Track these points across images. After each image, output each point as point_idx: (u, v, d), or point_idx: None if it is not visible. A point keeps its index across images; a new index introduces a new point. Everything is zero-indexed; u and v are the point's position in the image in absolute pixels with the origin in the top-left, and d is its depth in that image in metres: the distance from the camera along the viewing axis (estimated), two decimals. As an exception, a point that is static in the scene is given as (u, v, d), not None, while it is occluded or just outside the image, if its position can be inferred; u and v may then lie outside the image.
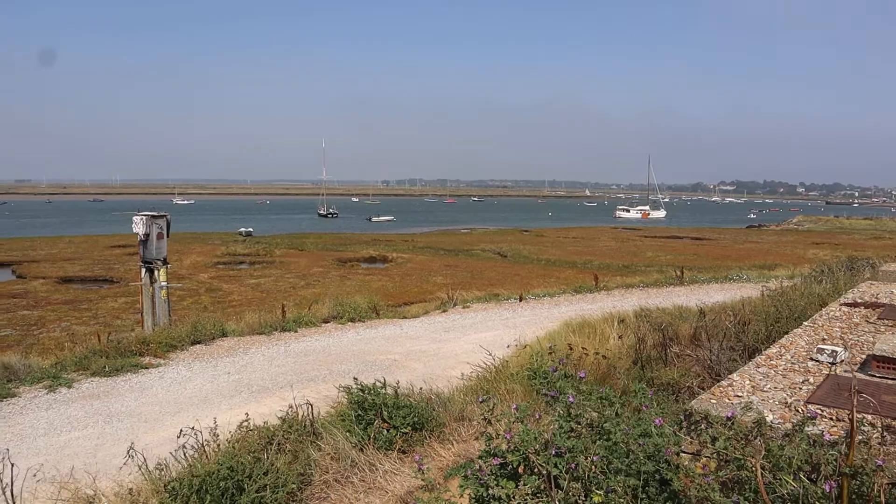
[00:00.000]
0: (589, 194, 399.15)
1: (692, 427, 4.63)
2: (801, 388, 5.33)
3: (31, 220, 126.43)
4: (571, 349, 10.11)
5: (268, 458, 5.97)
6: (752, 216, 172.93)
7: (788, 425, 4.24)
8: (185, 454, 6.52)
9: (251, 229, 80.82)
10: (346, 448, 6.37)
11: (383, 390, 7.02)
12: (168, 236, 17.33)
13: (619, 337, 10.07)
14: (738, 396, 5.13)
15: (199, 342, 16.49)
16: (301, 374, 14.42)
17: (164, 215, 17.17)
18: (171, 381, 13.57)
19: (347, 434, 6.75)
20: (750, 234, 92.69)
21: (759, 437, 3.55)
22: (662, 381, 8.97)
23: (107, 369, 13.86)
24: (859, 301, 9.28)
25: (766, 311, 9.75)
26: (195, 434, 6.64)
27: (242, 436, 6.74)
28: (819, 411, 4.70)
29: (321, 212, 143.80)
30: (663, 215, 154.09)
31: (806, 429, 3.58)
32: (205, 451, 6.34)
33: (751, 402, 4.79)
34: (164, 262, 17.07)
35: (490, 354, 10.55)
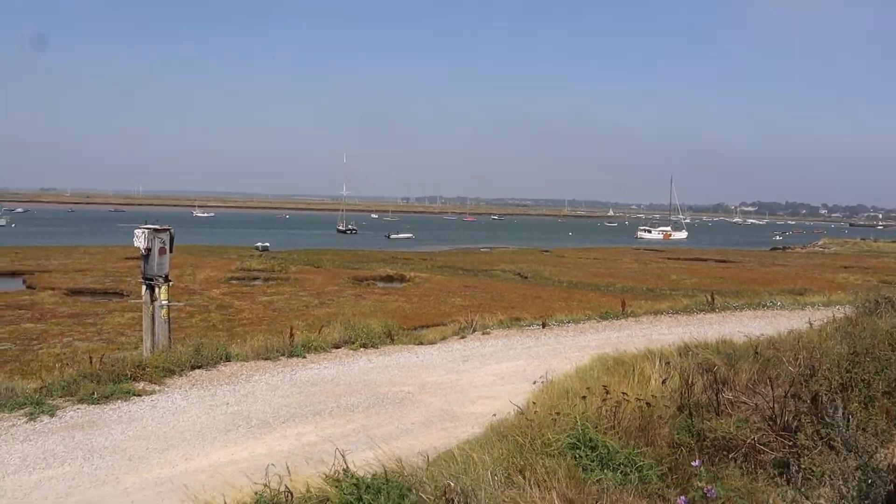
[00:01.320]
0: (611, 214, 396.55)
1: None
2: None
3: (51, 228, 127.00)
4: (608, 393, 8.88)
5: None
6: (777, 238, 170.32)
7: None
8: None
9: (268, 244, 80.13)
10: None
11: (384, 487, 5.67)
12: (171, 251, 16.26)
13: (664, 381, 8.81)
14: None
15: (199, 367, 15.37)
16: (306, 407, 13.25)
17: (168, 229, 16.12)
18: (163, 412, 12.45)
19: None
20: (775, 256, 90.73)
21: None
22: (717, 435, 7.70)
23: (95, 396, 12.77)
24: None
25: (837, 353, 8.45)
26: None
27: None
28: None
29: (340, 228, 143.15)
30: (685, 236, 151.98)
31: None
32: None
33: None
34: (166, 278, 16.00)
35: (516, 406, 9.26)
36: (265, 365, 16.29)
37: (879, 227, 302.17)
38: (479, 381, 15.61)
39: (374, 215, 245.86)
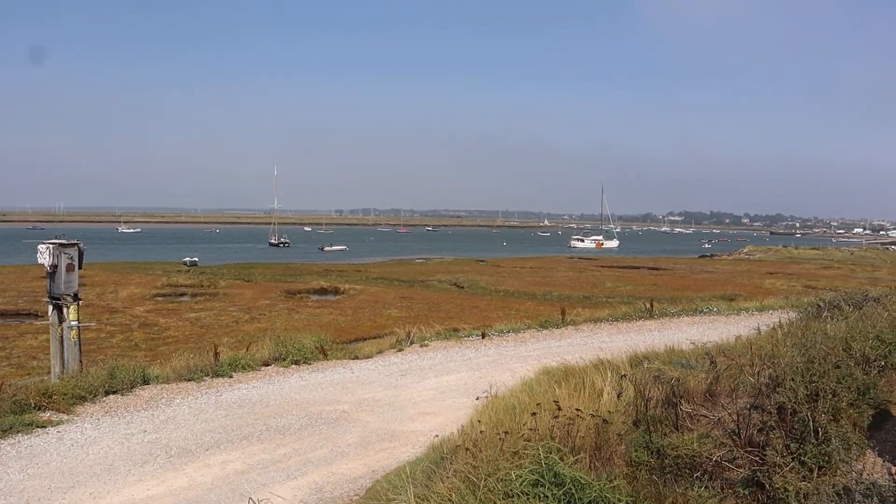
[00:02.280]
0: (545, 224, 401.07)
1: None
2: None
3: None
4: (560, 409, 8.23)
5: None
6: (706, 246, 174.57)
7: None
8: None
9: (196, 259, 77.56)
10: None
11: None
12: (80, 267, 14.97)
13: (619, 395, 8.21)
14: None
15: (114, 391, 14.14)
16: (232, 432, 12.24)
17: (76, 243, 14.83)
18: (70, 444, 11.25)
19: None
20: (704, 263, 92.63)
21: None
22: (679, 453, 7.12)
23: (-8, 430, 11.47)
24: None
25: (793, 361, 8.00)
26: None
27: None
28: None
29: (272, 241, 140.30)
30: (616, 245, 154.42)
31: None
32: None
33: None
34: (76, 297, 14.71)
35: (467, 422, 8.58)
36: (188, 387, 15.15)
37: (798, 235, 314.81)
38: (419, 397, 14.84)
39: (307, 228, 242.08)
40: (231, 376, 16.05)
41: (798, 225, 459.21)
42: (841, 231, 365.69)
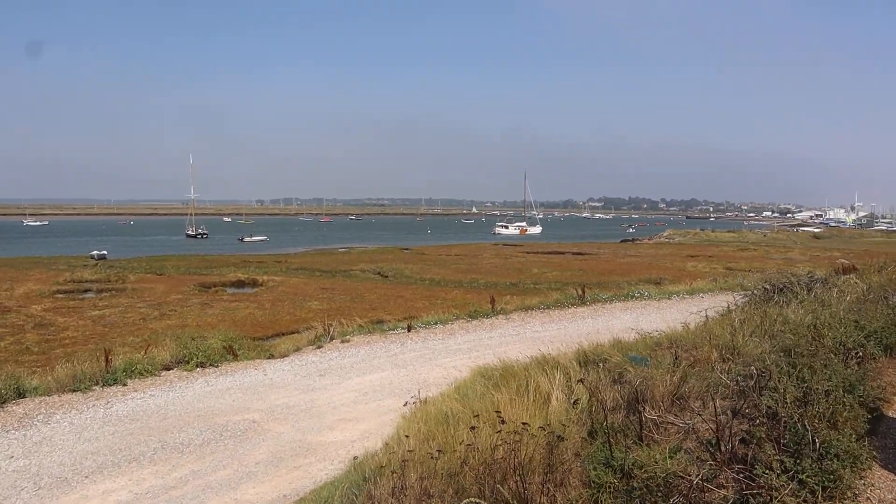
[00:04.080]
0: (470, 212, 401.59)
1: None
2: None
3: None
4: (503, 421, 6.92)
5: None
6: (631, 230, 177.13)
7: None
8: None
9: (105, 252, 73.32)
10: None
11: None
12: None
13: (575, 402, 6.94)
14: None
15: (-18, 407, 12.17)
16: (120, 452, 10.50)
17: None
18: (-87, 478, 9.33)
19: None
20: (628, 248, 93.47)
21: None
22: (649, 473, 5.90)
23: None
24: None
25: (782, 361, 6.90)
26: None
27: None
28: None
29: (189, 232, 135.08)
30: (539, 231, 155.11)
31: None
32: None
33: None
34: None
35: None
36: (73, 399, 13.24)
37: (712, 219, 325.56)
38: (339, 400, 13.34)
39: (226, 219, 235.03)
40: (125, 384, 14.20)
41: (712, 209, 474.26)
42: (751, 215, 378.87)
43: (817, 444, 5.46)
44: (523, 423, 6.51)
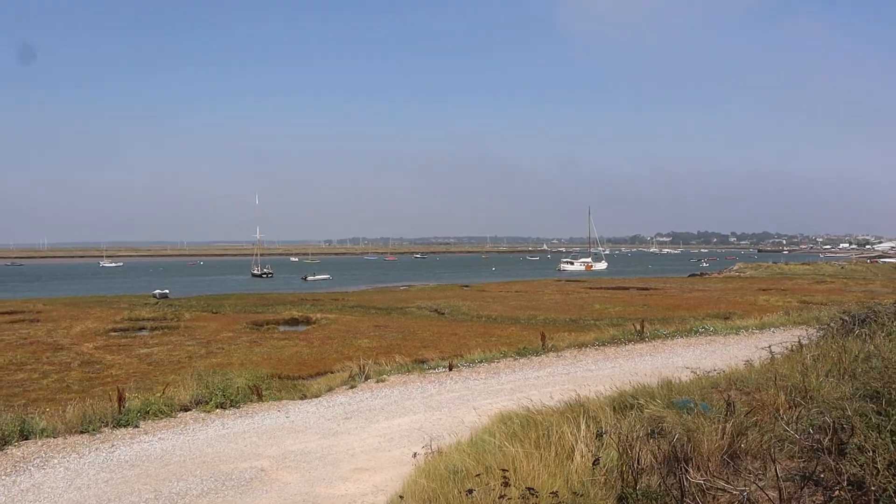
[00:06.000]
0: (532, 248, 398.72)
1: None
2: None
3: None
4: (508, 482, 5.57)
5: None
6: (704, 264, 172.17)
7: None
8: None
9: (167, 291, 74.37)
10: None
11: None
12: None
13: (595, 461, 5.55)
14: None
15: (-21, 451, 11.36)
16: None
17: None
18: None
19: None
20: (695, 282, 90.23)
21: None
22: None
23: None
24: None
25: (867, 408, 5.38)
26: None
27: None
28: None
29: (255, 272, 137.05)
30: (605, 266, 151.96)
31: None
32: None
33: None
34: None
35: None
36: (79, 441, 12.36)
37: (785, 252, 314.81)
38: (360, 447, 12.09)
39: (293, 258, 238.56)
40: (137, 426, 13.28)
41: (785, 242, 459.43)
42: (827, 246, 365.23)
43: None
44: (528, 489, 5.15)
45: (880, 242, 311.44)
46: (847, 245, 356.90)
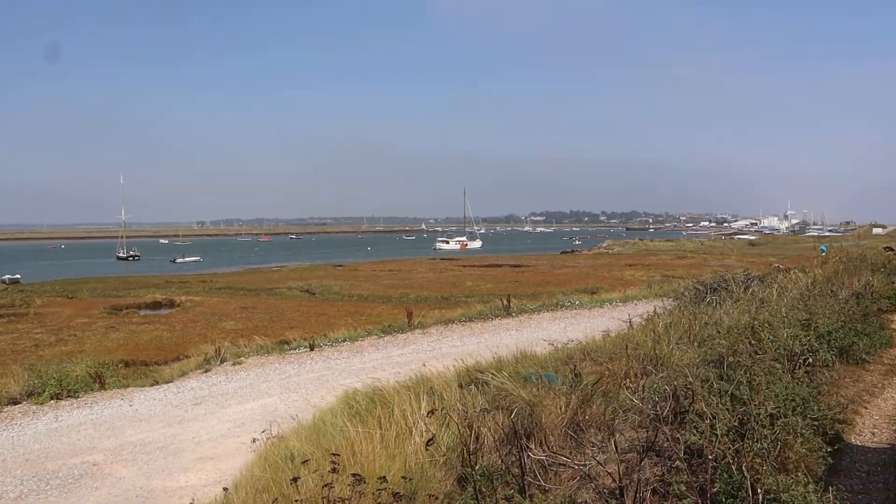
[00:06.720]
0: (409, 228, 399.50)
1: None
2: None
3: None
4: (336, 468, 5.05)
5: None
6: (577, 242, 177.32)
7: None
8: None
9: (18, 276, 69.01)
10: None
11: None
12: None
13: (428, 442, 5.13)
14: None
15: None
16: None
17: None
18: None
19: None
20: (566, 259, 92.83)
21: None
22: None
23: None
24: None
25: (709, 373, 5.20)
26: None
27: None
28: None
29: (120, 255, 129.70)
30: (479, 245, 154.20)
31: None
32: None
33: None
34: None
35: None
36: None
37: (651, 230, 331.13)
38: (208, 434, 11.28)
39: (163, 241, 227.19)
40: (-48, 423, 11.88)
41: (651, 220, 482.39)
42: (689, 225, 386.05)
43: (759, 496, 3.77)
44: (354, 475, 4.66)
45: (736, 220, 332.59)
46: (707, 223, 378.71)
